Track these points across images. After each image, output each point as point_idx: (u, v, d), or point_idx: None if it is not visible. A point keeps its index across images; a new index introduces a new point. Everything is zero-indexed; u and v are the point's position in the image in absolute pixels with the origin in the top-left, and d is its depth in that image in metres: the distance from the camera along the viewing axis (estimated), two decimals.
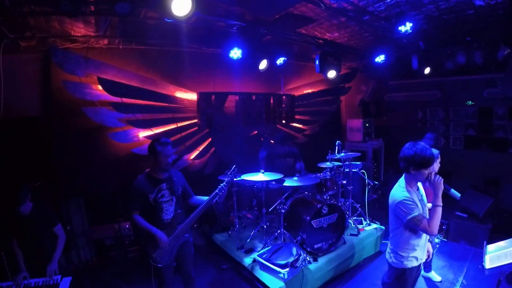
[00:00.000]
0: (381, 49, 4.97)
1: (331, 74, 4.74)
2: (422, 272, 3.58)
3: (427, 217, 2.13)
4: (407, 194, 2.09)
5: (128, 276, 3.84)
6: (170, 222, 2.65)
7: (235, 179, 2.83)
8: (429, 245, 2.47)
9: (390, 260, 2.30)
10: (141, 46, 4.23)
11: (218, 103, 4.96)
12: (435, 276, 3.58)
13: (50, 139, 3.82)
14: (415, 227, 2.08)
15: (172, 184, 2.68)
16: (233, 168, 2.77)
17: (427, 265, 3.56)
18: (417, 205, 2.09)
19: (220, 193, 2.62)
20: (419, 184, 2.26)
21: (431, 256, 2.59)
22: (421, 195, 2.26)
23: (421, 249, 2.24)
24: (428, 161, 2.04)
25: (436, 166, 2.98)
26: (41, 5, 2.82)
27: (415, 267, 2.24)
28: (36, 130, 3.67)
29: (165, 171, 2.67)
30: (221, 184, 2.64)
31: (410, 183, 2.16)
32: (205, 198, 2.70)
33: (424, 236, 2.26)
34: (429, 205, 2.20)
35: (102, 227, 4.02)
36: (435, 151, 3.09)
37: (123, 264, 3.96)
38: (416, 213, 2.03)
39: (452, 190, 2.22)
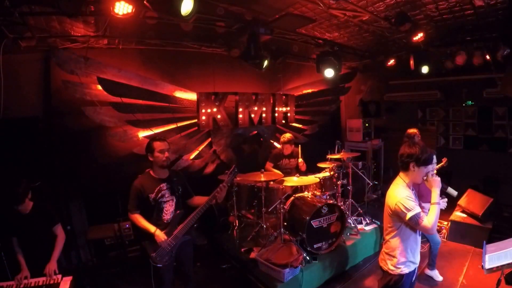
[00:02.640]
0: (380, 49, 4.97)
1: (330, 73, 4.75)
2: (426, 271, 3.60)
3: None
4: (408, 192, 2.10)
5: (128, 276, 3.84)
6: (171, 222, 2.65)
7: (235, 179, 2.83)
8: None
9: (385, 268, 2.23)
10: (141, 46, 4.23)
11: (218, 103, 4.97)
12: (437, 275, 3.59)
13: (50, 139, 3.82)
14: (415, 226, 2.06)
15: (172, 184, 2.68)
16: (232, 168, 2.77)
17: (431, 262, 3.57)
18: (416, 203, 2.10)
19: (219, 194, 2.62)
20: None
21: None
22: (415, 196, 2.26)
23: (416, 254, 2.22)
24: (428, 158, 2.09)
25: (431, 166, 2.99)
26: (41, 5, 2.82)
27: (411, 271, 2.20)
28: (36, 130, 3.67)
29: (164, 169, 2.67)
30: (220, 185, 2.63)
31: (408, 181, 2.16)
32: (205, 198, 2.70)
33: (419, 239, 2.24)
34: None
35: (102, 227, 4.02)
36: None
37: (123, 264, 3.96)
38: (417, 211, 2.03)
39: (449, 188, 2.24)
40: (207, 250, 4.51)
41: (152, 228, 2.54)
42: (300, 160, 4.64)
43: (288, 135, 4.76)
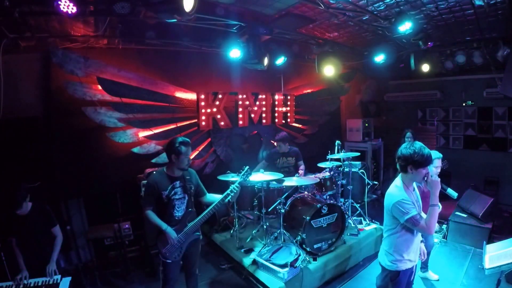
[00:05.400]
0: (381, 49, 4.97)
1: (330, 72, 4.75)
2: (419, 273, 3.59)
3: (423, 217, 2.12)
4: (404, 194, 2.09)
5: (128, 276, 3.84)
6: (181, 219, 2.70)
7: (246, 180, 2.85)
8: (422, 245, 2.47)
9: (383, 263, 2.31)
10: (141, 46, 4.23)
11: (218, 103, 4.97)
12: (432, 275, 3.58)
13: (50, 139, 3.82)
14: (412, 227, 2.09)
15: (185, 182, 2.74)
16: (246, 169, 2.79)
17: (423, 265, 3.57)
18: (414, 205, 2.09)
19: (232, 194, 2.66)
20: (414, 185, 2.25)
21: (425, 256, 2.59)
22: (417, 196, 2.26)
23: (413, 251, 2.24)
24: (426, 160, 2.04)
25: (436, 170, 2.97)
26: (41, 5, 2.82)
27: (408, 269, 2.24)
28: (36, 130, 3.67)
29: (183, 170, 2.73)
30: (233, 185, 2.67)
31: (406, 183, 2.16)
32: (218, 197, 2.74)
33: (417, 239, 2.25)
34: None
35: (102, 227, 4.01)
36: (438, 154, 3.11)
37: (123, 264, 3.96)
38: (413, 213, 2.04)
39: (449, 190, 2.23)
40: (207, 250, 4.50)
41: (163, 225, 2.60)
42: (301, 171, 4.62)
43: (282, 133, 4.75)
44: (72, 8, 2.60)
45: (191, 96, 4.83)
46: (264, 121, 5.63)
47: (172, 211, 2.68)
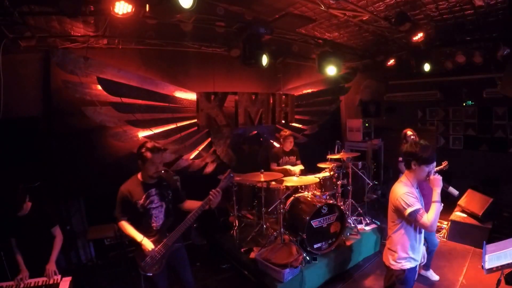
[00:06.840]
0: (380, 49, 4.96)
1: (330, 72, 4.76)
2: (421, 271, 3.59)
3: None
4: (409, 189, 2.16)
5: (128, 276, 3.83)
6: (160, 229, 2.50)
7: (230, 183, 2.66)
8: (423, 249, 2.47)
9: (388, 263, 2.31)
10: (141, 46, 4.23)
11: (218, 103, 4.96)
12: (433, 275, 3.59)
13: (50, 139, 3.82)
14: (415, 222, 2.12)
15: (162, 189, 2.52)
16: (227, 172, 2.52)
17: (426, 264, 3.57)
18: (418, 200, 2.14)
19: (213, 199, 2.37)
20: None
21: (425, 259, 2.61)
22: (419, 195, 2.28)
23: (417, 251, 2.26)
24: (429, 157, 2.11)
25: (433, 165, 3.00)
26: (41, 5, 2.82)
27: (413, 268, 2.25)
28: (36, 130, 3.67)
29: (154, 179, 2.52)
30: (213, 190, 2.39)
31: (411, 180, 2.22)
32: (198, 203, 2.47)
33: (421, 238, 2.28)
34: None
35: (102, 227, 4.01)
36: None
37: (123, 264, 3.96)
38: (417, 207, 2.09)
39: (451, 188, 2.28)
40: (207, 250, 4.51)
41: (139, 237, 2.39)
42: (298, 170, 4.58)
43: (287, 131, 4.77)
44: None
45: (191, 96, 4.83)
46: (264, 121, 5.63)
47: (149, 221, 2.45)
